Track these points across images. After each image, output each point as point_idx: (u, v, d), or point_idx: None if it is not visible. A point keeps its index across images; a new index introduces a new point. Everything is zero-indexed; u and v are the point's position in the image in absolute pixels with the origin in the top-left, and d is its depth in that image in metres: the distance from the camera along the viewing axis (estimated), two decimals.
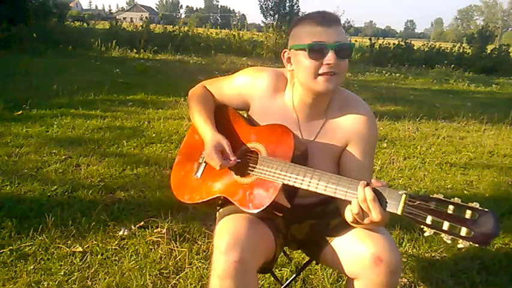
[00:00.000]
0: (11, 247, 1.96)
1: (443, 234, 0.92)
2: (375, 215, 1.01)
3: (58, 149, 3.32)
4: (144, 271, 1.87)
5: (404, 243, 2.26)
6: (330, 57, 1.14)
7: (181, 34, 13.82)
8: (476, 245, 0.88)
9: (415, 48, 15.48)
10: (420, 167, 3.59)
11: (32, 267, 1.84)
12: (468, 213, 0.89)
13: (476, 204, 0.90)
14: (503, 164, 3.85)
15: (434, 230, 0.92)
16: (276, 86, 1.34)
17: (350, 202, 1.07)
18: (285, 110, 1.32)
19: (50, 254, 1.95)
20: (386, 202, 1.01)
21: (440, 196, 0.94)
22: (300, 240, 1.39)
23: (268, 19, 15.49)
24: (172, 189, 1.42)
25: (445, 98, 7.94)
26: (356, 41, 18.38)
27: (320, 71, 1.17)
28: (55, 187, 2.63)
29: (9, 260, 1.88)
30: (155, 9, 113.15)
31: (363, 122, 1.27)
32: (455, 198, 0.92)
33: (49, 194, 2.56)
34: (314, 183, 1.12)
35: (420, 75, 11.57)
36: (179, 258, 1.99)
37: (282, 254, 1.86)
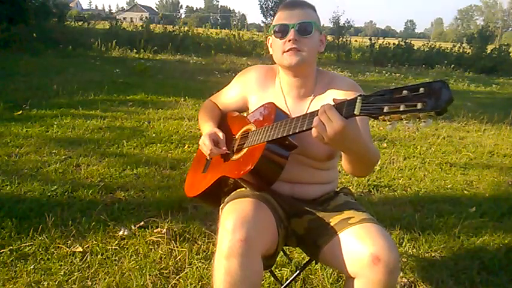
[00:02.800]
0: (11, 247, 1.96)
1: (403, 119, 0.90)
2: (335, 122, 1.02)
3: (58, 149, 3.32)
4: (144, 271, 1.87)
5: (404, 243, 2.26)
6: (290, 34, 1.31)
7: (181, 34, 13.82)
8: (432, 113, 0.86)
9: (415, 48, 15.48)
10: (420, 167, 3.59)
11: (32, 267, 1.84)
12: (421, 90, 0.89)
13: (426, 79, 0.91)
14: (503, 164, 3.85)
15: (392, 115, 0.91)
16: (266, 75, 1.49)
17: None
18: (275, 96, 1.44)
19: (50, 254, 1.96)
20: (344, 111, 1.03)
21: (393, 87, 0.95)
22: (299, 236, 1.40)
23: (268, 19, 15.54)
24: (185, 190, 1.55)
25: None
26: (356, 41, 18.36)
27: (285, 48, 1.33)
28: (55, 187, 2.63)
29: (9, 260, 1.88)
30: (155, 9, 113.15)
31: (348, 88, 1.37)
32: (408, 83, 0.94)
33: (49, 194, 2.56)
34: (291, 127, 1.18)
35: (420, 75, 11.57)
36: (179, 258, 1.99)
37: (282, 254, 1.87)
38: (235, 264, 1.10)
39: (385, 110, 0.93)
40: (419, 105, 0.88)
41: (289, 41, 1.31)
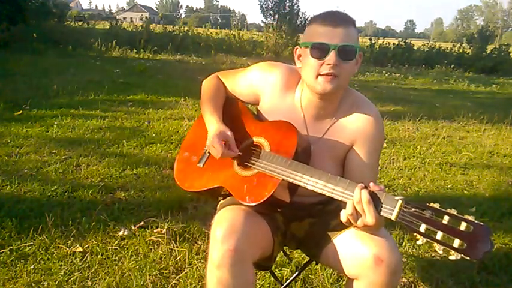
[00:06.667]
0: (11, 247, 1.96)
1: (435, 244, 0.92)
2: (369, 218, 1.02)
3: (58, 149, 3.32)
4: (144, 271, 1.87)
5: (404, 243, 2.26)
6: (330, 57, 1.15)
7: (181, 34, 13.82)
8: (468, 258, 0.87)
9: (415, 48, 15.47)
10: (420, 167, 3.59)
11: (32, 267, 1.84)
12: (463, 225, 0.89)
13: (472, 217, 0.90)
14: (503, 164, 3.85)
15: (428, 239, 0.92)
16: (287, 83, 1.35)
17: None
18: (293, 109, 1.33)
19: (50, 254, 1.95)
20: (382, 207, 1.01)
21: (437, 206, 0.94)
22: (299, 239, 1.39)
23: (268, 19, 15.48)
24: (175, 175, 1.44)
25: (445, 98, 7.94)
26: None
27: (321, 71, 1.18)
28: (55, 187, 2.63)
29: (9, 260, 1.88)
30: (155, 9, 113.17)
31: (370, 123, 1.28)
32: (452, 210, 0.93)
33: (49, 194, 2.56)
34: (312, 181, 1.14)
35: (420, 75, 11.56)
36: (179, 258, 1.99)
37: (282, 254, 1.86)
38: (226, 274, 1.09)
39: (421, 230, 0.93)
40: (456, 243, 0.88)
41: (328, 64, 1.16)
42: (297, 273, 1.63)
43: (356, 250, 1.17)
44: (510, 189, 3.24)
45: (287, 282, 1.65)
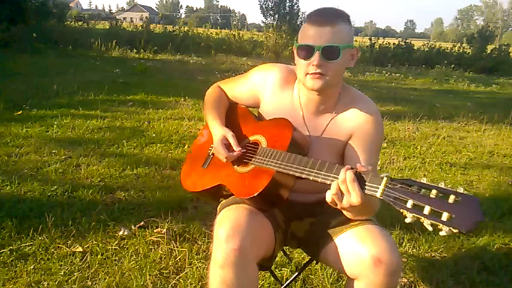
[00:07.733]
0: (11, 247, 1.96)
1: (424, 219, 0.87)
2: (354, 197, 1.01)
3: (58, 149, 3.32)
4: (144, 271, 1.87)
5: (404, 243, 2.26)
6: (314, 58, 1.19)
7: (181, 34, 13.85)
8: (456, 231, 0.83)
9: (415, 48, 15.50)
10: (420, 167, 3.59)
11: (32, 267, 1.84)
12: (451, 198, 0.85)
13: (460, 189, 0.86)
14: (503, 164, 3.85)
15: (414, 214, 0.88)
16: (285, 81, 1.38)
17: None
18: (291, 106, 1.36)
19: (50, 254, 1.95)
20: (366, 185, 1.00)
21: (424, 180, 0.92)
22: (299, 238, 1.39)
23: (268, 19, 15.48)
24: (181, 180, 1.50)
25: (445, 98, 7.94)
26: (356, 40, 18.36)
27: (308, 71, 1.22)
28: (55, 187, 2.63)
29: (9, 260, 1.88)
30: (155, 9, 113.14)
31: (368, 118, 1.30)
32: (440, 183, 0.89)
33: (49, 194, 2.56)
34: (306, 170, 1.14)
35: (420, 75, 11.57)
36: (179, 258, 1.99)
37: (282, 254, 1.87)
38: (230, 273, 1.09)
39: (408, 205, 0.90)
40: (444, 216, 0.84)
41: (313, 65, 1.20)
42: (297, 273, 1.63)
43: (355, 250, 1.17)
44: (510, 189, 3.23)
45: (287, 282, 1.65)
